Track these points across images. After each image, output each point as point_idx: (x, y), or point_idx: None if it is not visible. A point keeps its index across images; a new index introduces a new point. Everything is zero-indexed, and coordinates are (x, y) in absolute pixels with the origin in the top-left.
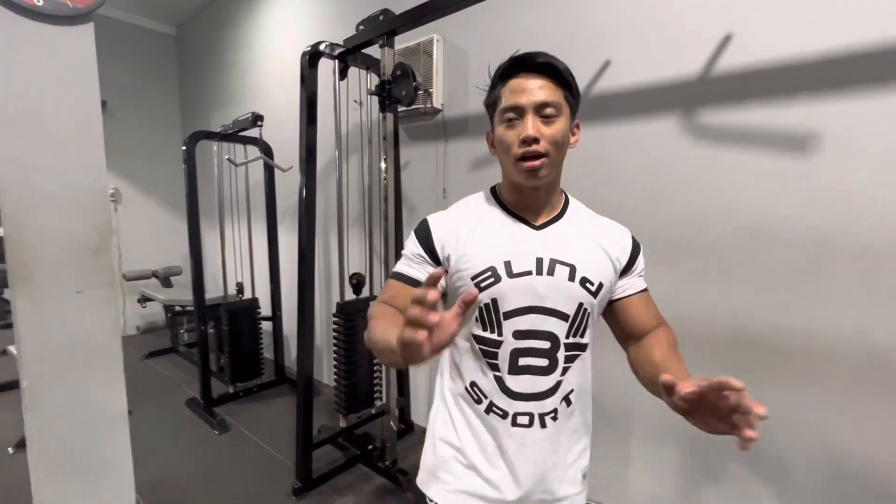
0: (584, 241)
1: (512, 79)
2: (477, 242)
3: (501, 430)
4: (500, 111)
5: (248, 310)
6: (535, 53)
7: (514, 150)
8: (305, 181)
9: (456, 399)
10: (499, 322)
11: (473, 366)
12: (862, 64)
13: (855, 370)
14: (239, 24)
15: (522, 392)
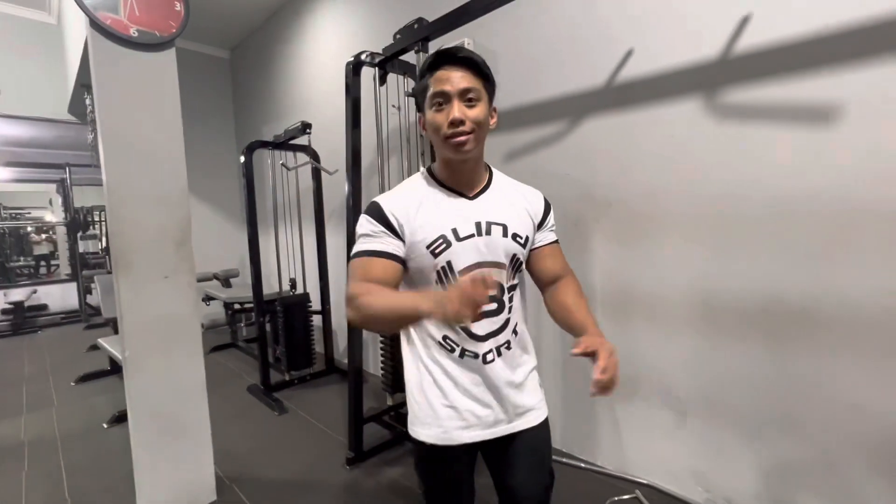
0: (510, 204)
1: (438, 70)
2: (425, 217)
3: (475, 368)
4: (430, 97)
5: (301, 304)
6: (456, 48)
7: (444, 130)
8: (352, 181)
9: (431, 356)
10: (454, 280)
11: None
12: (879, 33)
13: (889, 334)
14: (287, 42)
15: (484, 333)
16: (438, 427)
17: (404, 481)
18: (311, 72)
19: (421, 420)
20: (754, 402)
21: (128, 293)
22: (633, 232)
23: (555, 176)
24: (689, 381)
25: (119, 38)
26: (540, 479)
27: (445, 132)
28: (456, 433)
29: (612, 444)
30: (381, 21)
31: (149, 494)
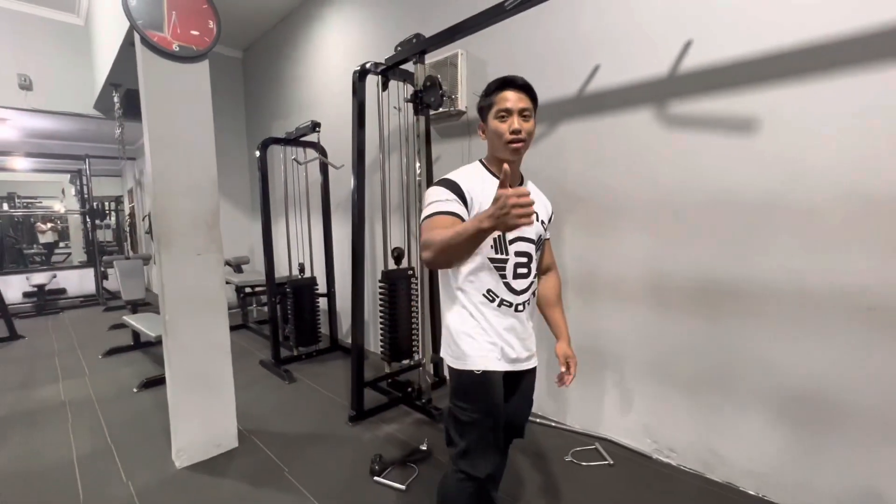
0: (538, 200)
1: (503, 91)
2: (487, 195)
3: (510, 315)
4: (496, 111)
5: (309, 286)
6: (516, 77)
7: (506, 137)
8: (357, 176)
9: (475, 306)
10: (505, 247)
11: (488, 279)
12: (793, 60)
13: (794, 306)
14: (297, 45)
15: (519, 289)
16: (485, 357)
17: (399, 435)
18: (318, 74)
19: (468, 354)
20: (693, 364)
21: (168, 267)
22: (598, 222)
23: (531, 173)
24: (642, 349)
25: (164, 52)
26: (528, 409)
27: (507, 138)
28: (497, 363)
29: (578, 406)
30: (383, 31)
31: (182, 439)
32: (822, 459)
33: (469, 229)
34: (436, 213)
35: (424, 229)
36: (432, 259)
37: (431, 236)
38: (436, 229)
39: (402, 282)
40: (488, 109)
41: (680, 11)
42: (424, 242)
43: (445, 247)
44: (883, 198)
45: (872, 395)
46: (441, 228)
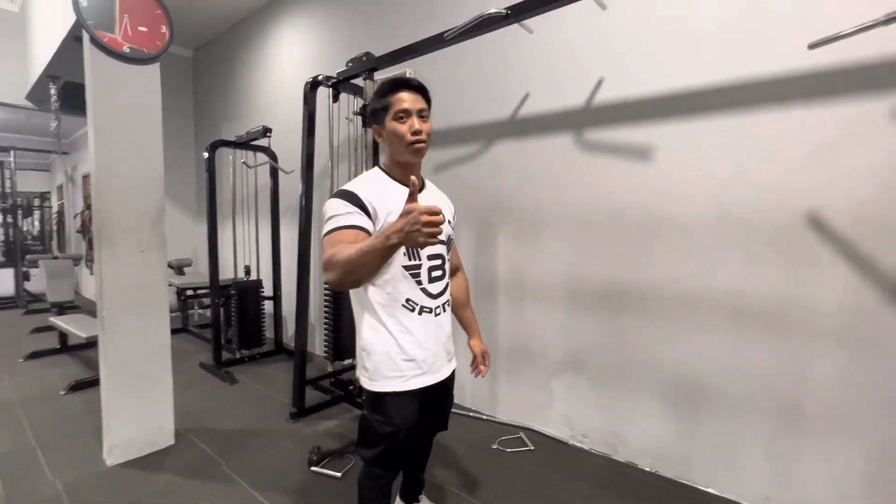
0: (441, 200)
1: (398, 92)
2: (394, 203)
3: (431, 321)
4: (394, 112)
5: (254, 289)
6: (410, 78)
7: (408, 138)
8: (305, 181)
9: (395, 319)
10: (418, 252)
11: (405, 287)
12: (679, 101)
13: (677, 307)
14: (251, 50)
15: (436, 293)
16: (401, 377)
17: (338, 429)
18: (271, 80)
19: (386, 376)
20: (601, 358)
21: (109, 263)
22: (526, 233)
23: (471, 186)
24: (561, 346)
25: (114, 53)
26: (450, 404)
27: (409, 139)
28: (416, 381)
29: (507, 399)
30: (335, 45)
31: (116, 436)
32: (697, 436)
33: (376, 246)
34: (337, 228)
35: (326, 246)
36: (338, 280)
37: (335, 255)
38: (339, 245)
39: None
40: (384, 111)
41: (595, 53)
42: (327, 262)
43: (351, 266)
44: (743, 217)
45: (735, 381)
46: (345, 244)
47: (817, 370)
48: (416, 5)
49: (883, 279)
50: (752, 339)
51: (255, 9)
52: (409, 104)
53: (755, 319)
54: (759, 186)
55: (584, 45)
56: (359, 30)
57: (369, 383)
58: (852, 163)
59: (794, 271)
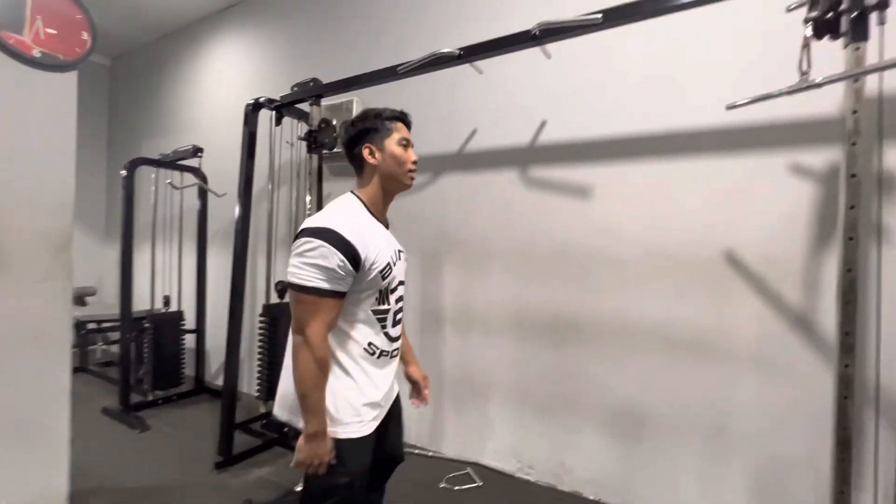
0: (391, 240)
1: (400, 122)
2: (373, 242)
3: (385, 364)
4: (399, 138)
5: (173, 321)
6: (407, 113)
7: (408, 165)
8: (243, 205)
9: (354, 361)
10: (388, 296)
11: (368, 331)
12: (615, 146)
13: (616, 337)
14: (182, 63)
15: (395, 336)
16: (361, 422)
17: (272, 477)
18: (204, 97)
19: (345, 422)
20: (546, 388)
21: (3, 294)
22: (472, 264)
23: (418, 217)
24: (507, 377)
25: (21, 56)
26: (402, 433)
27: (409, 167)
28: (370, 423)
29: (453, 434)
30: (279, 67)
31: None
32: (636, 462)
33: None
34: (322, 291)
35: (305, 306)
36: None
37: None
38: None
39: (285, 316)
40: (386, 134)
41: (539, 96)
42: (309, 336)
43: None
44: (671, 253)
45: (669, 407)
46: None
47: (739, 394)
48: (364, 35)
49: (787, 311)
50: (682, 366)
51: (190, 21)
52: (408, 135)
53: (684, 348)
54: (683, 225)
55: (530, 88)
56: (304, 54)
57: (330, 430)
58: (759, 208)
59: (716, 303)
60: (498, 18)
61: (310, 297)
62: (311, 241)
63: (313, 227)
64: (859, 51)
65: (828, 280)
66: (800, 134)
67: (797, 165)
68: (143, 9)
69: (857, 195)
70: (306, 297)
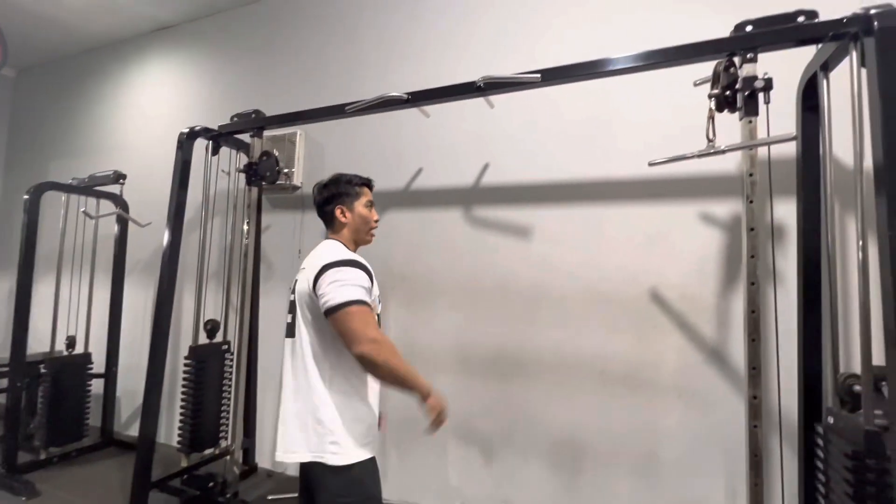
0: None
1: (367, 187)
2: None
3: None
4: (367, 201)
5: (78, 365)
6: (372, 180)
7: (372, 224)
8: (172, 236)
9: (361, 380)
10: (379, 321)
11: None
12: (552, 190)
13: (555, 371)
14: (105, 82)
15: None
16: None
17: None
18: (129, 119)
19: (360, 444)
20: (490, 424)
21: None
22: (418, 300)
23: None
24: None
25: None
26: None
27: (372, 225)
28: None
29: (397, 477)
30: (218, 92)
31: None
32: (578, 494)
33: (412, 378)
34: (365, 302)
35: (361, 316)
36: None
37: (384, 339)
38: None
39: (214, 358)
40: (356, 197)
41: (483, 141)
42: (377, 338)
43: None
44: (603, 291)
45: (605, 437)
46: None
47: (665, 422)
48: (307, 69)
49: (703, 344)
50: (615, 398)
51: (115, 39)
52: (372, 198)
53: (617, 380)
54: (613, 265)
55: (474, 132)
56: (243, 83)
57: (344, 457)
58: (677, 250)
59: (643, 338)
60: (442, 63)
61: (360, 308)
62: (344, 268)
63: (338, 260)
64: (752, 123)
65: (735, 317)
66: (707, 187)
67: (706, 214)
68: (60, 20)
69: (756, 246)
70: (357, 309)
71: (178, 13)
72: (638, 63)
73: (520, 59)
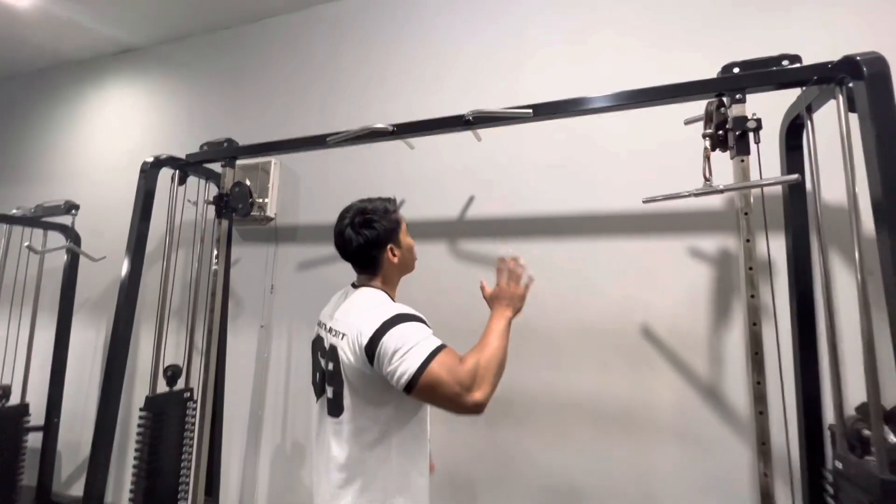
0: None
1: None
2: None
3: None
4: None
5: (11, 418)
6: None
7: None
8: (133, 268)
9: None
10: None
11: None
12: (541, 224)
13: (548, 412)
14: (58, 105)
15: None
16: None
17: None
18: (82, 146)
19: None
20: (478, 471)
21: None
22: None
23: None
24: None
25: None
26: None
27: (415, 256)
28: None
29: None
30: (180, 116)
31: None
32: None
33: (504, 327)
34: (439, 347)
35: (446, 362)
36: (490, 395)
37: (472, 368)
38: (458, 359)
39: (174, 408)
40: (398, 226)
41: (468, 173)
42: (470, 380)
43: (500, 364)
44: (595, 328)
45: (600, 480)
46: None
47: (662, 464)
48: (282, 96)
49: (697, 382)
50: (611, 439)
51: (71, 59)
52: None
53: (612, 421)
54: (604, 301)
55: (459, 164)
56: (213, 109)
57: None
58: (667, 284)
59: (637, 376)
60: (425, 94)
61: (440, 359)
62: (390, 334)
63: (389, 318)
64: (744, 162)
65: (729, 352)
66: (694, 221)
67: (694, 248)
68: (11, 35)
69: (756, 285)
70: (437, 363)
71: (144, 36)
72: (629, 101)
73: (502, 92)
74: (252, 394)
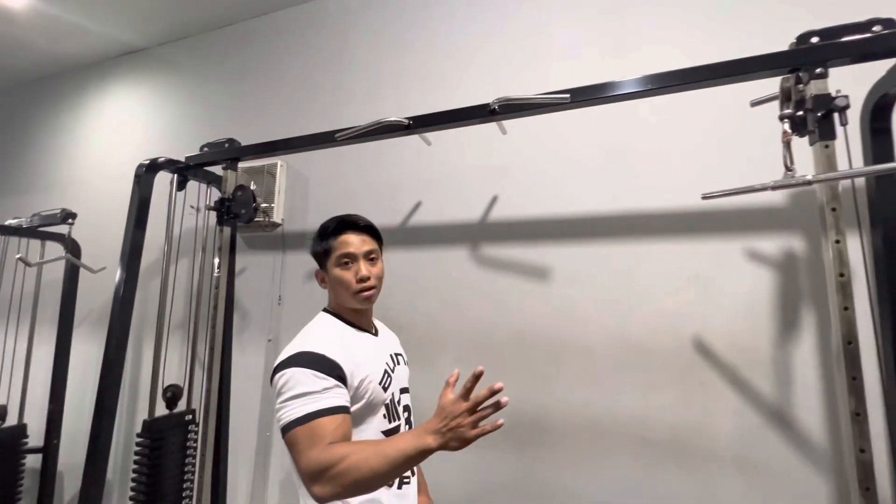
0: (394, 339)
1: (342, 234)
2: (362, 355)
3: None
4: (337, 257)
5: (8, 440)
6: (357, 217)
7: (353, 287)
8: (129, 279)
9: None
10: (395, 409)
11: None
12: (576, 225)
13: (584, 435)
14: (60, 113)
15: None
16: None
17: None
18: (82, 153)
19: None
20: (507, 499)
21: None
22: (418, 353)
23: None
24: (459, 492)
25: None
26: None
27: (355, 288)
28: None
29: None
30: (183, 118)
31: None
32: None
33: (404, 455)
34: (311, 413)
35: (301, 441)
36: (336, 497)
37: (330, 461)
38: (328, 444)
39: (175, 432)
40: (326, 255)
41: (491, 170)
42: (319, 467)
43: (363, 483)
44: (640, 342)
45: None
46: (334, 441)
47: (722, 498)
48: (290, 93)
49: (762, 404)
50: (658, 466)
51: (75, 65)
52: (355, 247)
53: (661, 447)
54: (649, 311)
55: (480, 161)
56: (216, 109)
57: None
58: (722, 292)
59: (689, 397)
60: (444, 87)
61: (303, 430)
62: (282, 374)
63: (291, 355)
64: (829, 148)
65: (797, 369)
66: (752, 220)
67: (751, 251)
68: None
69: (850, 296)
70: (299, 432)
71: (147, 36)
72: (683, 81)
73: (527, 83)
74: (260, 415)
